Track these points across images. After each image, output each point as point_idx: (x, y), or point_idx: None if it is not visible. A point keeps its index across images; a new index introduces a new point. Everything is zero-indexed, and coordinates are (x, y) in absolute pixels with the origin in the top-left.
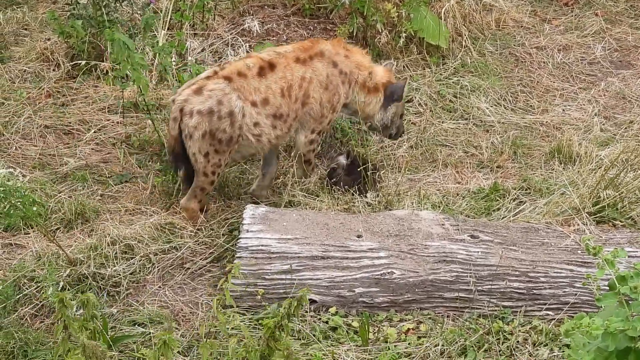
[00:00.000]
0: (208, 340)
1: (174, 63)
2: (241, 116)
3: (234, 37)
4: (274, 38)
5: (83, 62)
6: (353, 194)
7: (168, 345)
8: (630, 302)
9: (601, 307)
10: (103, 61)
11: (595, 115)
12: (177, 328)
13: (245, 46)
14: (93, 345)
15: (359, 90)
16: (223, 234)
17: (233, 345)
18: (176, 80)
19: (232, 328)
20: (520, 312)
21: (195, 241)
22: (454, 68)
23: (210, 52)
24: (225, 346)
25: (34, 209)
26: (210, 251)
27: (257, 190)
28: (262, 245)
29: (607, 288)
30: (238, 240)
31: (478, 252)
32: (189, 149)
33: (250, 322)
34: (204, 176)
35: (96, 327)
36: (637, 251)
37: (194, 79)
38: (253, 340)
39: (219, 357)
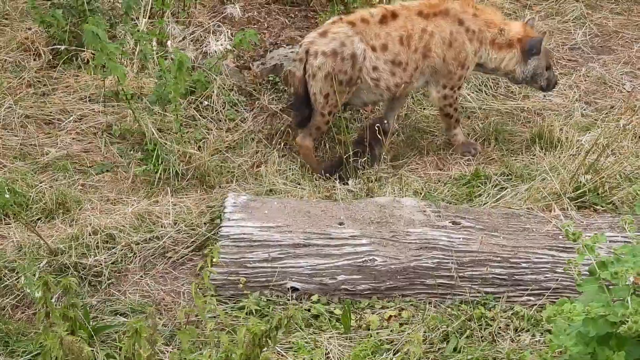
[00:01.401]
0: (188, 327)
1: (154, 51)
2: (362, 59)
3: (215, 25)
4: (255, 26)
5: (63, 48)
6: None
7: (140, 333)
8: (610, 287)
9: (582, 292)
10: (83, 50)
11: (576, 100)
12: (159, 318)
13: (227, 33)
14: (70, 340)
15: (489, 47)
16: (204, 223)
17: (210, 331)
18: (158, 68)
19: (214, 316)
20: (502, 298)
21: (177, 230)
22: None
23: (192, 40)
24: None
25: (7, 196)
26: (192, 240)
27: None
28: (243, 234)
29: (588, 273)
30: (220, 229)
31: (460, 238)
32: (311, 88)
33: (232, 310)
34: (321, 116)
35: (77, 316)
36: (617, 236)
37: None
38: (235, 328)
39: (200, 346)
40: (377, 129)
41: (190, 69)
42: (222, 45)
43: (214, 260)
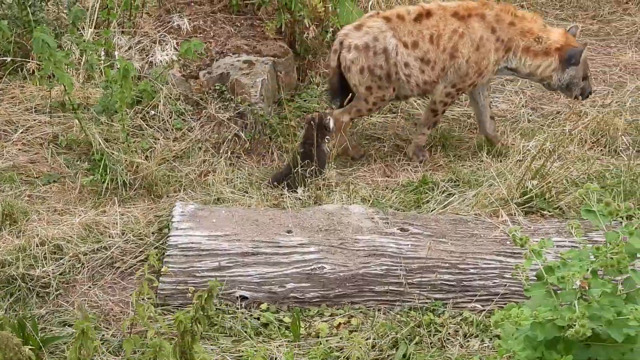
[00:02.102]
0: (132, 335)
1: (101, 61)
2: (395, 54)
3: (161, 35)
4: (201, 35)
5: (8, 59)
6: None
7: (87, 334)
8: (558, 291)
9: (530, 297)
10: (29, 61)
11: (523, 106)
12: (107, 328)
13: (173, 43)
14: (5, 336)
15: (521, 54)
16: (152, 233)
17: (151, 337)
18: (104, 78)
19: (161, 327)
20: (450, 304)
21: (125, 240)
22: None
23: (138, 50)
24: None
25: None
26: (140, 250)
27: (491, 132)
28: (191, 243)
29: (535, 278)
30: (168, 238)
31: (408, 245)
32: (349, 80)
33: None
34: (365, 102)
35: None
36: (565, 241)
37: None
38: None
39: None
40: (322, 125)
41: (136, 78)
42: (168, 55)
43: (162, 270)
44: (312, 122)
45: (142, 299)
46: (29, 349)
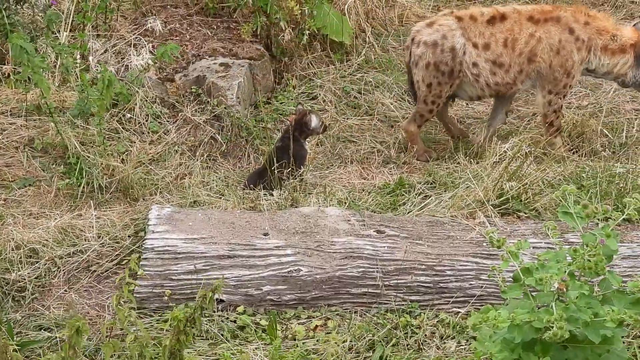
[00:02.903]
0: (111, 340)
1: (76, 64)
2: (462, 53)
3: (137, 38)
4: (177, 38)
5: None
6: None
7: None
8: (535, 293)
9: (507, 299)
10: (4, 64)
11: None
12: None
13: (148, 46)
14: None
15: (600, 53)
16: (129, 236)
17: (130, 340)
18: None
19: (139, 330)
20: (427, 306)
21: (101, 243)
22: (358, 64)
23: (113, 53)
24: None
25: None
26: (117, 253)
27: (484, 141)
28: (168, 246)
29: (512, 280)
30: (144, 242)
31: (384, 247)
32: (414, 76)
33: (157, 323)
34: (424, 104)
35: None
36: (541, 242)
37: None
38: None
39: (126, 357)
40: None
41: (117, 84)
42: (143, 58)
43: (139, 273)
44: (297, 121)
45: (122, 303)
46: (13, 350)
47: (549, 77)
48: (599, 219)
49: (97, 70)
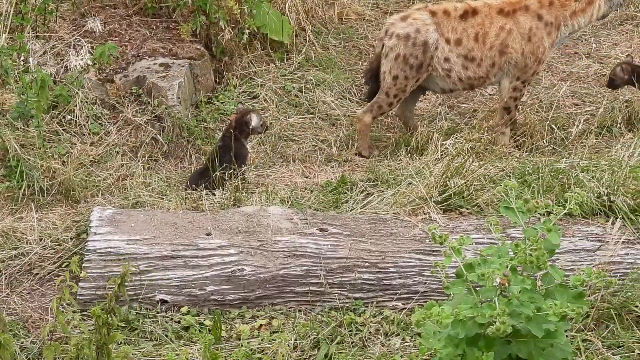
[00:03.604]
0: (52, 342)
1: (16, 66)
2: (434, 48)
3: (76, 39)
4: (117, 38)
5: None
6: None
7: (4, 346)
8: (477, 288)
9: (450, 294)
10: None
11: (440, 105)
12: (27, 335)
13: (88, 47)
14: None
15: (572, 20)
16: (71, 238)
17: (74, 344)
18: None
19: (82, 332)
20: (371, 303)
21: (43, 246)
22: (299, 63)
23: (53, 55)
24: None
25: None
26: (59, 256)
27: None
28: (110, 247)
29: (455, 276)
30: (86, 243)
31: (327, 245)
32: (382, 66)
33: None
34: (386, 95)
35: None
36: (483, 237)
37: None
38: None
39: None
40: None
41: (52, 83)
42: (83, 59)
43: (81, 275)
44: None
45: (63, 306)
46: None
47: (520, 64)
48: (540, 214)
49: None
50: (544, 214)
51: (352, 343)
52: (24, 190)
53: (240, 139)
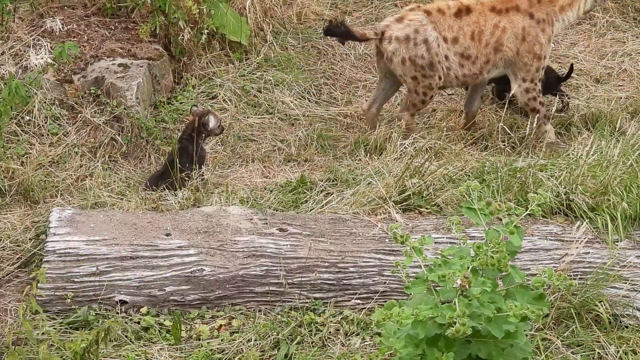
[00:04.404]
0: (16, 347)
1: None
2: (436, 45)
3: (35, 39)
4: (75, 38)
5: None
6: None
7: None
8: (438, 288)
9: (410, 294)
10: None
11: (398, 105)
12: None
13: (47, 47)
14: None
15: (562, 15)
16: (30, 239)
17: (43, 352)
18: None
19: (42, 333)
20: (330, 303)
21: (1, 247)
22: (257, 63)
23: (11, 55)
24: (36, 352)
25: None
26: (18, 256)
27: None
28: (69, 248)
29: (415, 276)
30: (45, 244)
31: (287, 245)
32: (395, 71)
33: (60, 326)
34: (415, 94)
35: None
36: (443, 237)
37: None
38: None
39: None
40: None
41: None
42: (42, 59)
43: (39, 278)
44: (195, 121)
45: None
46: None
47: (518, 64)
48: (502, 216)
49: None
50: (505, 215)
51: (312, 343)
52: None
53: (198, 140)
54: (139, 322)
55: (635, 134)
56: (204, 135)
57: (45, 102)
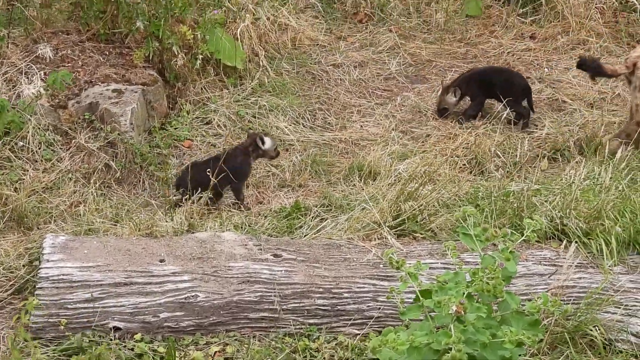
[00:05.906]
0: None
1: None
2: None
3: (28, 65)
4: (69, 64)
5: None
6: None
7: None
8: (433, 314)
9: (405, 320)
10: None
11: (393, 129)
12: None
13: (40, 74)
14: None
15: None
16: (23, 265)
17: None
18: None
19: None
20: (324, 329)
21: None
22: (252, 88)
23: (4, 81)
24: None
25: None
26: (11, 283)
27: None
28: (63, 275)
29: (411, 301)
30: (39, 271)
31: (281, 270)
32: (634, 100)
33: (54, 353)
34: (636, 125)
35: None
36: (437, 262)
37: None
38: None
39: None
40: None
41: (5, 110)
42: (35, 85)
43: (34, 303)
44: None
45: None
46: None
47: None
48: (497, 242)
49: None
50: (501, 241)
51: None
52: None
53: (251, 156)
54: (132, 349)
55: (624, 157)
56: (258, 153)
57: (39, 128)
